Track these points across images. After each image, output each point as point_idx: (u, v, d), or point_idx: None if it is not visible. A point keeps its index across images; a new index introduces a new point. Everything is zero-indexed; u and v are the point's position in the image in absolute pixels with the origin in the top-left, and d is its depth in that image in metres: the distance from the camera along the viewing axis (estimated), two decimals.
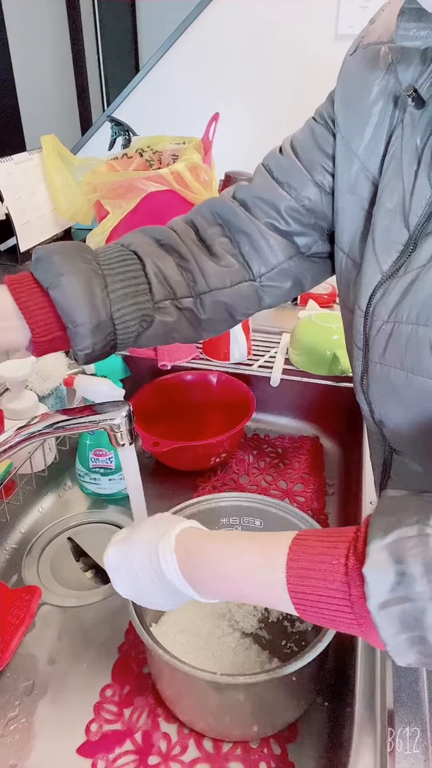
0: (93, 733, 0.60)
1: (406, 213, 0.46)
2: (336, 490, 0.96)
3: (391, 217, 0.47)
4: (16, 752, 0.60)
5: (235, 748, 0.59)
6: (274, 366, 0.99)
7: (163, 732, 0.60)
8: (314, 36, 1.20)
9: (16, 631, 0.67)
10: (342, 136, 0.52)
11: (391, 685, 0.50)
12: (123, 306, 0.50)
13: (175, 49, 1.31)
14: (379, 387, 0.50)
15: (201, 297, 0.57)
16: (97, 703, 0.63)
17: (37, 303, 0.48)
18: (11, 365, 0.81)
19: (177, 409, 1.06)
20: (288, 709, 0.59)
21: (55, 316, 0.48)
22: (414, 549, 0.34)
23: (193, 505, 0.70)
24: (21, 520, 0.88)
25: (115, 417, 0.55)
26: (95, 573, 0.83)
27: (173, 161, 1.16)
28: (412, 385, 0.46)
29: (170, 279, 0.54)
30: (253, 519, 0.72)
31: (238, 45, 1.26)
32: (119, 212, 1.05)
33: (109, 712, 0.62)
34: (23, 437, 0.54)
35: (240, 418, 0.94)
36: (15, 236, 1.08)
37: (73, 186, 1.15)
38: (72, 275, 0.48)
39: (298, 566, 0.38)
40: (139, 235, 0.56)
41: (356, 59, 0.51)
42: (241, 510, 0.72)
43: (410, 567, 0.34)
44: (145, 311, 0.52)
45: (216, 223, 0.59)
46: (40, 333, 0.49)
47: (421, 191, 0.45)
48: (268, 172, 0.59)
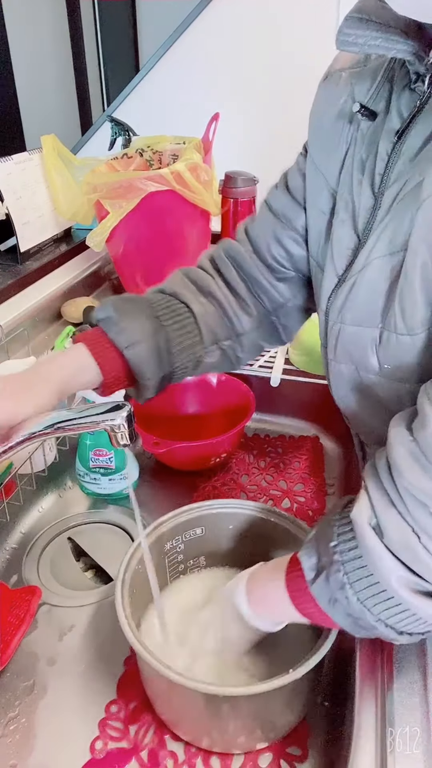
0: (98, 750, 0.59)
1: (355, 221, 0.51)
2: (336, 490, 0.96)
3: (343, 224, 0.52)
4: (16, 752, 0.60)
5: (244, 766, 0.58)
6: (274, 366, 0.99)
7: (169, 750, 0.59)
8: (314, 36, 1.19)
9: (16, 631, 0.67)
10: (310, 156, 0.58)
11: (391, 685, 0.50)
12: (182, 358, 0.61)
13: (175, 49, 1.31)
14: (337, 382, 0.56)
15: (239, 337, 0.65)
16: (102, 719, 0.62)
17: (113, 360, 0.58)
18: (11, 365, 0.82)
19: (177, 409, 1.07)
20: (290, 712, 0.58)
21: (126, 370, 0.59)
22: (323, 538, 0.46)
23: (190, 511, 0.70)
24: (21, 520, 0.88)
25: (115, 417, 0.55)
26: (95, 573, 0.83)
27: (173, 161, 1.16)
28: (359, 379, 0.52)
29: (214, 326, 0.63)
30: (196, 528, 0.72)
31: (238, 45, 1.26)
32: (119, 212, 1.05)
33: (114, 729, 0.61)
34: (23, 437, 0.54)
35: (240, 418, 0.94)
36: (15, 236, 1.08)
37: (73, 186, 1.15)
38: (143, 342, 0.57)
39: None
40: (182, 282, 0.65)
41: (325, 85, 0.56)
42: None
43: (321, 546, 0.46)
44: (198, 357, 0.63)
45: (232, 266, 0.66)
46: (112, 382, 0.59)
47: (366, 200, 0.49)
48: (268, 207, 0.65)
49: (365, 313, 0.49)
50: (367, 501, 0.42)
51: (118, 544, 0.86)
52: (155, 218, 1.08)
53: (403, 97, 0.47)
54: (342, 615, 0.45)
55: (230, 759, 0.59)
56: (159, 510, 0.68)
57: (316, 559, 0.46)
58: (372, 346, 0.49)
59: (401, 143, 0.46)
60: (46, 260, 1.14)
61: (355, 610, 0.43)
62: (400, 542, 0.40)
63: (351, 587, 0.43)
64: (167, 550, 0.69)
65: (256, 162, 1.24)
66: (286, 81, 1.27)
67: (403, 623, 0.43)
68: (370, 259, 0.48)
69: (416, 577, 0.40)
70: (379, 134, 0.48)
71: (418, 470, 0.39)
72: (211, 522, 0.70)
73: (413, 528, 0.39)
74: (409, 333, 0.45)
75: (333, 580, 0.44)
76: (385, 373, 0.49)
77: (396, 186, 0.47)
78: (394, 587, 0.41)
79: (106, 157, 1.18)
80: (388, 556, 0.40)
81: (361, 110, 0.49)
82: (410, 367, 0.47)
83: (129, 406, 0.56)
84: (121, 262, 1.20)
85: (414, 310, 0.44)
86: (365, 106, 0.49)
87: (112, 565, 0.81)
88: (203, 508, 0.70)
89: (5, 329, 0.95)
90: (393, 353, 0.48)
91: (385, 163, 0.48)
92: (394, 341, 0.47)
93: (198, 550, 0.72)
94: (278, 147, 1.33)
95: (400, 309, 0.45)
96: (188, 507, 0.70)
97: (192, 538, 0.71)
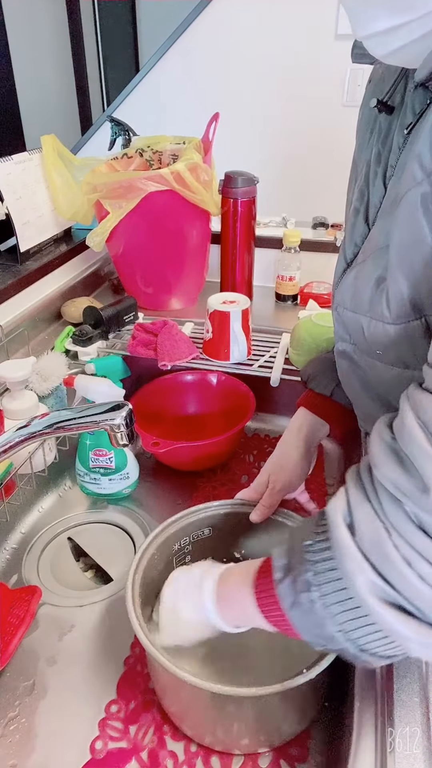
0: (98, 750, 0.59)
1: (367, 211, 0.53)
2: (336, 490, 0.96)
3: (357, 214, 0.54)
4: (16, 752, 0.60)
5: (244, 766, 0.58)
6: (274, 366, 0.99)
7: (169, 750, 0.59)
8: (314, 35, 1.20)
9: (16, 631, 0.67)
10: (354, 153, 0.60)
11: (391, 685, 0.50)
12: None
13: (175, 49, 1.31)
14: (341, 360, 0.59)
15: None
16: (102, 719, 0.62)
17: (327, 406, 0.73)
18: (11, 365, 0.82)
19: (177, 409, 1.07)
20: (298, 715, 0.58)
21: (344, 411, 0.71)
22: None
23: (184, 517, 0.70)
24: (21, 520, 0.88)
25: (115, 417, 0.55)
26: (95, 573, 0.83)
27: (173, 161, 1.16)
28: (360, 360, 0.54)
29: None
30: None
31: (238, 45, 1.26)
32: (119, 212, 1.05)
33: (114, 729, 0.61)
34: (23, 437, 0.54)
35: (240, 418, 0.94)
36: (15, 236, 1.08)
37: (73, 186, 1.15)
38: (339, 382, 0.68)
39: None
40: None
41: (368, 87, 0.58)
42: None
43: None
44: None
45: None
46: (338, 428, 0.74)
47: (379, 191, 0.51)
48: None
49: (360, 301, 0.50)
50: (344, 496, 0.42)
51: (118, 544, 0.86)
52: (155, 218, 1.08)
53: (417, 93, 0.48)
54: (303, 620, 0.43)
55: (230, 759, 0.59)
56: (159, 510, 0.68)
57: (287, 559, 0.45)
58: (363, 332, 0.51)
59: (410, 137, 0.48)
60: (46, 260, 1.14)
61: (317, 616, 0.41)
62: (371, 540, 0.38)
63: (318, 589, 0.41)
64: (175, 550, 0.70)
65: (256, 162, 1.24)
66: (286, 80, 1.27)
67: (367, 639, 0.40)
68: (368, 251, 0.50)
69: (386, 585, 0.38)
70: (394, 128, 0.50)
71: (394, 463, 0.38)
72: (219, 521, 0.71)
73: (385, 524, 0.38)
74: (394, 322, 0.46)
75: (300, 580, 0.42)
76: (378, 357, 0.51)
77: (396, 178, 0.49)
78: (361, 592, 0.38)
79: (106, 157, 1.18)
80: (358, 555, 0.39)
81: (377, 106, 0.51)
82: (396, 353, 0.48)
83: (129, 405, 0.56)
84: (121, 262, 1.20)
85: (399, 301, 0.45)
86: (382, 101, 0.51)
87: (112, 565, 0.81)
88: (210, 508, 0.70)
89: (5, 329, 0.96)
90: (380, 340, 0.49)
91: (396, 156, 0.49)
92: (381, 329, 0.48)
93: (206, 551, 0.72)
94: (278, 147, 1.34)
95: (386, 299, 0.46)
96: (195, 508, 0.70)
97: (200, 539, 0.71)
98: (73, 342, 1.04)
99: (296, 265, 1.20)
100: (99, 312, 1.06)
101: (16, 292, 1.05)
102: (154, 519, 0.88)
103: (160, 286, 1.19)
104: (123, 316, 1.10)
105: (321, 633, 0.42)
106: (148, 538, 0.65)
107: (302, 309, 1.18)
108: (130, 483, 0.93)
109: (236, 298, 1.00)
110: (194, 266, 1.20)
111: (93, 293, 1.30)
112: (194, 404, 1.08)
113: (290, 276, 1.21)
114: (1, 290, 1.01)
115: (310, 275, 1.24)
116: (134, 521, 0.89)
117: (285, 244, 1.19)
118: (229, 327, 0.97)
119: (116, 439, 0.56)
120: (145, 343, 1.03)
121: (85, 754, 0.59)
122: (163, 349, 1.00)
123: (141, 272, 1.18)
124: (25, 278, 1.07)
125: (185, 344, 1.02)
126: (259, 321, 1.10)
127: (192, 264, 1.19)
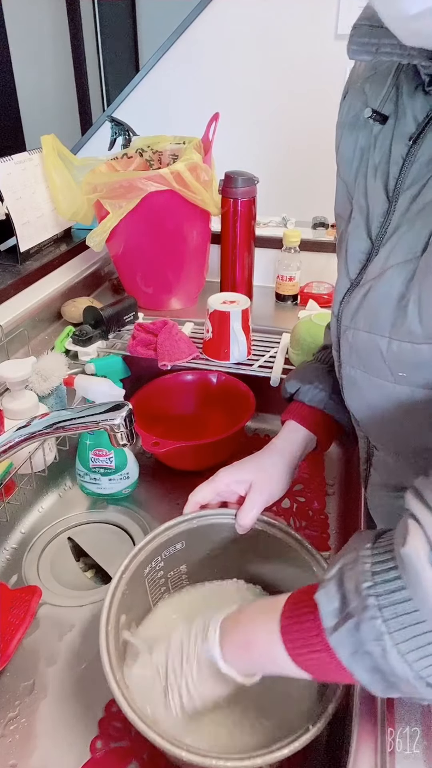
0: (98, 750, 0.59)
1: (368, 225, 0.50)
2: (336, 490, 0.96)
3: (357, 229, 0.51)
4: (16, 752, 0.60)
5: None
6: (274, 366, 0.99)
7: None
8: (314, 35, 1.19)
9: (16, 631, 0.67)
10: (337, 169, 0.57)
11: None
12: None
13: (175, 50, 1.31)
14: (349, 386, 0.55)
15: None
16: (102, 719, 0.62)
17: (317, 419, 0.69)
18: (11, 365, 0.81)
19: (177, 409, 1.06)
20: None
21: (332, 423, 0.69)
22: (350, 571, 0.40)
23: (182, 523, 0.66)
24: (21, 520, 0.88)
25: (115, 417, 0.55)
26: (95, 573, 0.83)
27: (173, 161, 1.16)
28: (372, 384, 0.50)
29: None
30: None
31: (238, 45, 1.26)
32: (119, 212, 1.05)
33: (115, 729, 0.61)
34: (23, 437, 0.54)
35: (240, 418, 0.94)
36: (15, 236, 1.08)
37: (73, 186, 1.15)
38: (335, 395, 0.67)
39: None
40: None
41: (345, 101, 0.56)
42: None
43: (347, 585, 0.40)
44: None
45: None
46: (325, 441, 0.70)
47: (380, 204, 0.49)
48: None
49: (377, 321, 0.47)
50: (422, 534, 0.36)
51: (118, 544, 0.86)
52: (155, 218, 1.08)
53: (417, 100, 0.46)
54: (367, 670, 0.39)
55: None
56: (159, 510, 0.68)
57: (340, 603, 0.40)
58: (381, 354, 0.47)
59: (417, 147, 0.45)
60: (46, 260, 1.14)
61: (390, 665, 0.37)
62: None
63: (390, 637, 0.36)
64: (147, 572, 0.64)
65: (256, 162, 1.24)
66: (286, 80, 1.27)
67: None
68: (386, 266, 0.47)
69: None
70: (391, 138, 0.48)
71: None
72: (192, 536, 0.66)
73: None
74: (429, 341, 0.43)
75: (366, 628, 0.37)
76: (399, 380, 0.47)
77: (412, 190, 0.46)
78: None
79: (106, 157, 1.18)
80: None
81: (372, 115, 0.48)
82: (430, 373, 0.44)
83: (129, 405, 0.56)
84: (121, 262, 1.20)
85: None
86: (376, 111, 0.48)
87: (112, 565, 0.81)
88: (182, 523, 0.65)
89: (5, 329, 0.96)
90: (406, 361, 0.45)
91: (399, 167, 0.47)
92: (409, 350, 0.44)
93: (179, 565, 0.68)
94: (278, 147, 1.33)
95: (418, 317, 0.43)
96: (165, 526, 0.65)
97: (172, 554, 0.66)
98: (73, 342, 1.04)
99: (296, 265, 1.20)
100: (99, 312, 1.06)
101: (16, 292, 1.05)
102: (154, 519, 0.88)
103: (160, 286, 1.19)
104: (123, 316, 1.10)
105: (393, 680, 0.38)
106: (116, 577, 0.59)
107: (302, 309, 1.18)
108: (130, 483, 0.93)
109: (236, 298, 1.00)
110: (194, 266, 1.20)
111: (93, 293, 1.30)
112: (194, 404, 1.08)
113: (290, 276, 1.21)
114: (1, 290, 1.01)
115: (310, 275, 1.24)
116: (134, 521, 0.89)
117: (285, 244, 1.19)
118: (229, 327, 0.97)
119: (116, 439, 0.56)
120: (145, 343, 1.03)
121: (85, 754, 0.59)
122: (163, 349, 1.00)
123: (141, 272, 1.18)
124: (25, 278, 1.07)
125: (185, 344, 1.02)
126: (259, 321, 1.10)
127: (192, 264, 1.19)
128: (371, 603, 0.37)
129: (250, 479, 0.65)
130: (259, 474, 0.65)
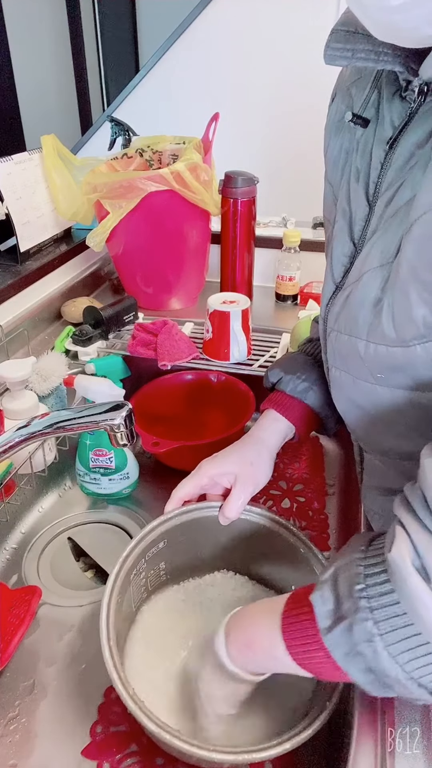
0: (98, 734, 0.60)
1: (351, 228, 0.50)
2: (336, 490, 0.96)
3: (341, 232, 0.51)
4: (16, 752, 0.60)
5: None
6: None
7: None
8: (314, 35, 1.19)
9: (16, 631, 0.67)
10: (325, 172, 0.57)
11: None
12: None
13: (175, 49, 1.31)
14: (336, 387, 0.56)
15: None
16: (102, 704, 0.63)
17: (297, 409, 0.68)
18: (11, 365, 0.81)
19: (177, 409, 1.06)
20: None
21: (312, 414, 0.69)
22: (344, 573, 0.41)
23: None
24: (21, 520, 0.88)
25: (115, 417, 0.55)
26: (95, 573, 0.83)
27: (173, 161, 1.16)
28: (356, 386, 0.51)
29: None
30: None
31: (238, 45, 1.26)
32: (119, 212, 1.05)
33: (114, 714, 0.61)
34: (23, 437, 0.54)
35: (240, 418, 0.94)
36: (15, 236, 1.08)
37: (73, 186, 1.15)
38: (315, 386, 0.68)
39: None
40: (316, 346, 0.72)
41: (332, 105, 0.56)
42: None
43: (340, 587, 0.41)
44: None
45: None
46: (304, 432, 0.70)
47: (361, 208, 0.49)
48: None
49: (356, 324, 0.48)
50: (407, 540, 0.37)
51: (118, 544, 0.86)
52: (155, 218, 1.08)
53: (394, 105, 0.46)
54: (361, 670, 0.39)
55: None
56: (159, 510, 0.67)
57: (334, 605, 0.41)
58: (360, 357, 0.48)
59: (393, 152, 0.46)
60: (46, 260, 1.14)
61: (382, 666, 0.38)
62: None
63: (381, 639, 0.37)
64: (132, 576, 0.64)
65: (256, 162, 1.24)
66: (286, 81, 1.27)
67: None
68: (363, 271, 0.47)
69: None
70: (372, 142, 0.48)
71: None
72: (172, 534, 0.66)
73: None
74: (401, 345, 0.44)
75: (358, 630, 0.38)
76: (379, 381, 0.48)
77: (387, 195, 0.47)
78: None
79: (106, 157, 1.18)
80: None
81: (353, 119, 0.49)
82: (405, 376, 0.45)
83: (129, 405, 0.56)
84: (121, 262, 1.20)
85: (407, 324, 0.43)
86: (357, 114, 0.49)
87: (111, 565, 0.81)
88: (165, 522, 0.65)
89: (5, 329, 0.96)
90: (383, 364, 0.46)
91: (378, 172, 0.48)
92: (384, 353, 0.45)
93: (162, 562, 0.68)
94: (278, 147, 1.34)
95: (391, 320, 0.44)
96: (149, 527, 0.65)
97: (155, 553, 0.66)
98: (73, 342, 1.04)
99: (296, 265, 1.20)
100: (99, 312, 1.06)
101: (16, 292, 1.05)
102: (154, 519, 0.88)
103: (160, 286, 1.19)
104: (123, 316, 1.10)
105: (386, 681, 0.39)
106: (108, 584, 0.59)
107: (302, 309, 1.18)
108: (130, 483, 0.93)
109: (236, 298, 1.00)
110: (194, 266, 1.20)
111: (93, 293, 1.30)
112: (194, 404, 1.08)
113: (290, 276, 1.21)
114: (1, 290, 1.01)
115: (310, 275, 1.24)
116: (134, 521, 0.89)
117: (285, 244, 1.19)
118: (229, 327, 0.97)
119: (116, 439, 0.56)
120: (145, 343, 1.03)
121: None
122: (163, 349, 1.00)
123: (141, 272, 1.18)
124: (25, 278, 1.07)
125: (185, 344, 1.02)
126: (259, 321, 1.10)
127: (192, 264, 1.19)
128: (363, 605, 0.38)
129: (235, 471, 0.64)
130: (244, 466, 0.65)
